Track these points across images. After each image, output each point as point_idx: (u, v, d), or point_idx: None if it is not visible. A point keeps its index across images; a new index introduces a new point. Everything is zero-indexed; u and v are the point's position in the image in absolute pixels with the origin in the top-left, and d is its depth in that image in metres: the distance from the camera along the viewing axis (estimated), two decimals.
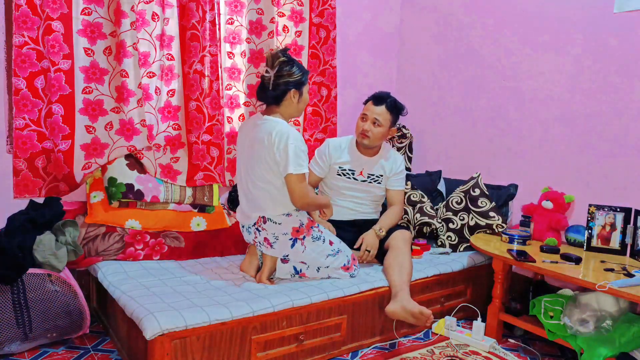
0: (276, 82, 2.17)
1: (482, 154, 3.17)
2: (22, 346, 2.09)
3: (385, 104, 2.58)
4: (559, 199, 2.63)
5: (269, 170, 2.16)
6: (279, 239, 2.23)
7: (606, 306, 2.19)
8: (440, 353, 2.29)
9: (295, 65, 2.21)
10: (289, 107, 2.24)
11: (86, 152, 2.51)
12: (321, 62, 3.19)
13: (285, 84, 2.18)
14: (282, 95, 2.20)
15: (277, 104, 2.22)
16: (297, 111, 2.28)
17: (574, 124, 2.70)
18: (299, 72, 2.21)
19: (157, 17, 2.59)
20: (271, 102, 2.22)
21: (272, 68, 2.17)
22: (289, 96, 2.21)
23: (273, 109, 2.24)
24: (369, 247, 2.51)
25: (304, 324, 2.12)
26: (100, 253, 2.42)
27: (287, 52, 2.22)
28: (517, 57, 2.95)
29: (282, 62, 2.17)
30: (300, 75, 2.21)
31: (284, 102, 2.22)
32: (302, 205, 2.20)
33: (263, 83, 2.21)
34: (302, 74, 2.22)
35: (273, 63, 2.18)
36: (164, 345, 1.78)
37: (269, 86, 2.18)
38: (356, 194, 2.68)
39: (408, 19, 3.62)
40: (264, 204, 2.21)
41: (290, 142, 2.10)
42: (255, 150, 2.18)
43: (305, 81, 2.25)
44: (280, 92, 2.19)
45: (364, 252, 2.51)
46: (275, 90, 2.18)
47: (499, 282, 2.48)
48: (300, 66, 2.23)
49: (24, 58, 2.32)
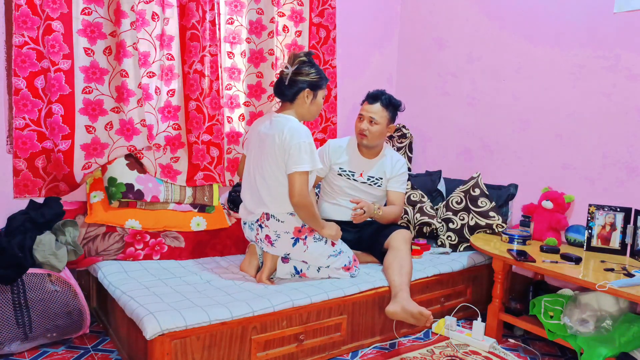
0: (293, 78, 2.22)
1: (482, 154, 3.17)
2: (22, 346, 2.09)
3: (380, 101, 2.58)
4: (559, 199, 2.63)
5: (278, 168, 2.18)
6: (281, 237, 2.23)
7: (606, 306, 2.19)
8: (440, 353, 2.29)
9: (315, 67, 2.27)
10: (302, 107, 2.27)
11: (86, 152, 2.51)
12: (321, 62, 3.19)
13: (301, 82, 2.22)
14: (297, 93, 2.24)
15: (290, 101, 2.26)
16: (309, 113, 2.31)
17: (574, 123, 2.70)
18: (317, 75, 2.26)
19: (157, 17, 2.60)
20: (285, 98, 2.27)
21: (291, 65, 2.23)
22: (302, 95, 2.24)
23: (287, 107, 2.28)
24: (365, 208, 2.47)
25: (304, 323, 2.12)
26: (100, 253, 2.42)
27: (310, 55, 2.29)
28: (518, 57, 2.95)
29: (302, 61, 2.23)
30: (317, 77, 2.26)
31: (297, 101, 2.25)
32: (297, 203, 2.14)
33: (282, 79, 2.25)
34: (319, 77, 2.27)
35: (293, 61, 2.24)
36: (164, 345, 1.78)
37: (286, 82, 2.23)
38: (356, 195, 2.68)
39: (408, 19, 3.62)
40: (269, 200, 2.21)
41: (302, 139, 2.13)
42: (266, 146, 2.20)
43: (321, 85, 2.29)
44: (295, 90, 2.23)
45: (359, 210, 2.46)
46: (290, 87, 2.23)
47: (499, 282, 2.48)
48: (319, 70, 2.29)
49: (24, 58, 2.32)
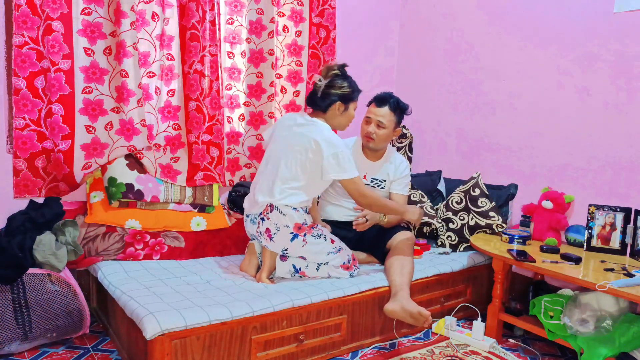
0: (326, 91, 2.32)
1: (482, 154, 3.17)
2: (22, 346, 2.09)
3: (388, 104, 2.56)
4: (559, 199, 2.63)
5: (301, 168, 2.25)
6: (280, 230, 2.24)
7: (606, 306, 2.19)
8: (440, 353, 2.29)
9: (348, 81, 2.36)
10: (333, 118, 2.36)
11: (86, 152, 2.52)
12: (321, 62, 3.19)
13: (333, 95, 2.32)
14: (329, 105, 2.33)
15: (323, 112, 2.36)
16: (340, 124, 2.41)
17: (574, 123, 2.70)
18: (349, 88, 2.35)
19: (157, 17, 2.60)
20: (318, 108, 2.36)
21: (325, 78, 2.33)
22: (334, 107, 2.34)
23: (319, 115, 2.37)
24: (368, 217, 2.50)
25: (304, 323, 2.12)
26: (100, 253, 2.42)
27: (344, 68, 2.38)
28: (517, 57, 2.95)
29: (336, 74, 2.34)
30: (349, 90, 2.35)
31: (329, 112, 2.35)
32: (364, 204, 2.34)
33: (315, 90, 2.35)
34: (352, 90, 2.36)
35: (327, 73, 2.34)
36: (164, 345, 1.78)
37: (319, 94, 2.33)
38: None
39: (408, 19, 3.62)
40: (279, 189, 2.25)
41: (339, 150, 2.24)
42: (297, 142, 2.27)
43: (353, 98, 2.39)
44: (327, 102, 2.33)
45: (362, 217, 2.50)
46: (323, 99, 2.33)
47: (499, 282, 2.48)
48: (352, 83, 2.38)
49: (24, 58, 2.32)
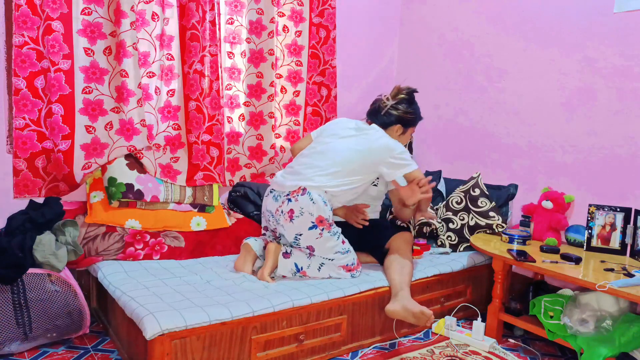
0: (389, 111, 2.44)
1: (482, 154, 3.17)
2: (22, 346, 2.09)
3: None
4: (559, 199, 2.63)
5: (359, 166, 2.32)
6: (303, 216, 2.25)
7: (606, 306, 2.19)
8: (440, 353, 2.29)
9: (413, 106, 2.48)
10: (390, 136, 2.43)
11: (86, 152, 2.52)
12: (321, 61, 3.19)
13: (395, 116, 2.44)
14: (389, 125, 2.46)
15: (383, 128, 2.45)
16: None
17: (574, 123, 2.70)
18: (413, 115, 2.47)
19: (157, 17, 2.60)
20: (377, 123, 2.47)
21: (393, 98, 2.45)
22: (393, 128, 2.46)
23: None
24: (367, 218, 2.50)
25: (304, 324, 2.12)
26: (100, 253, 2.42)
27: (412, 94, 2.49)
28: (518, 56, 2.95)
29: (404, 98, 2.46)
30: (412, 117, 2.48)
31: (387, 130, 2.46)
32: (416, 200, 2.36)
33: (379, 106, 2.46)
34: (414, 116, 2.49)
35: (396, 95, 2.46)
36: (164, 345, 1.78)
37: (382, 112, 2.45)
38: None
39: (408, 19, 3.62)
40: (320, 175, 2.29)
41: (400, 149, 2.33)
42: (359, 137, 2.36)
43: (414, 124, 2.52)
44: (388, 121, 2.45)
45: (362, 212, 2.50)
46: (386, 117, 2.45)
47: (499, 282, 2.48)
48: (416, 109, 2.50)
49: (24, 58, 2.32)
